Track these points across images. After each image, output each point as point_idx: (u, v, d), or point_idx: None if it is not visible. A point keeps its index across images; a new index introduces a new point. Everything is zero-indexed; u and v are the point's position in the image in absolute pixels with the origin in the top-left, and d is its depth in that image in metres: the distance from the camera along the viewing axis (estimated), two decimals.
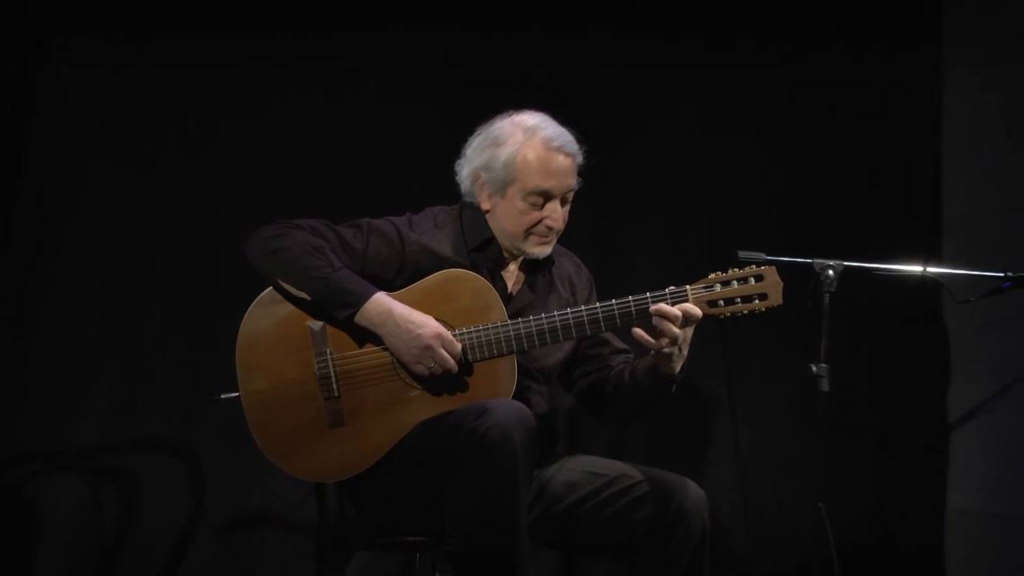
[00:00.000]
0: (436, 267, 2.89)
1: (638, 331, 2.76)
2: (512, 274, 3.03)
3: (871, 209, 4.39)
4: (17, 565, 3.67)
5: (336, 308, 2.80)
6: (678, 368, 2.83)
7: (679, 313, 2.73)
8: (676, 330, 2.72)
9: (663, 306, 2.73)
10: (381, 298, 2.80)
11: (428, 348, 2.76)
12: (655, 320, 2.73)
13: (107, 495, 3.77)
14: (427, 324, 2.78)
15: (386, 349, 2.83)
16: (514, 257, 3.02)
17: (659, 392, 2.90)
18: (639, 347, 2.83)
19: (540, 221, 2.93)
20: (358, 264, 2.88)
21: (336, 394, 2.83)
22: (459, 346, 2.78)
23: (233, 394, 2.86)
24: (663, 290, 2.81)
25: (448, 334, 2.78)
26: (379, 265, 2.90)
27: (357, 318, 2.79)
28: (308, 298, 2.81)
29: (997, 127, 4.31)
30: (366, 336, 2.84)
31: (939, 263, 4.03)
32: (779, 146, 4.40)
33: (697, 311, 2.75)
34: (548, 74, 4.27)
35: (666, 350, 2.75)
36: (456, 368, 2.78)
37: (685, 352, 2.81)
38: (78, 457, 3.77)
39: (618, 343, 3.08)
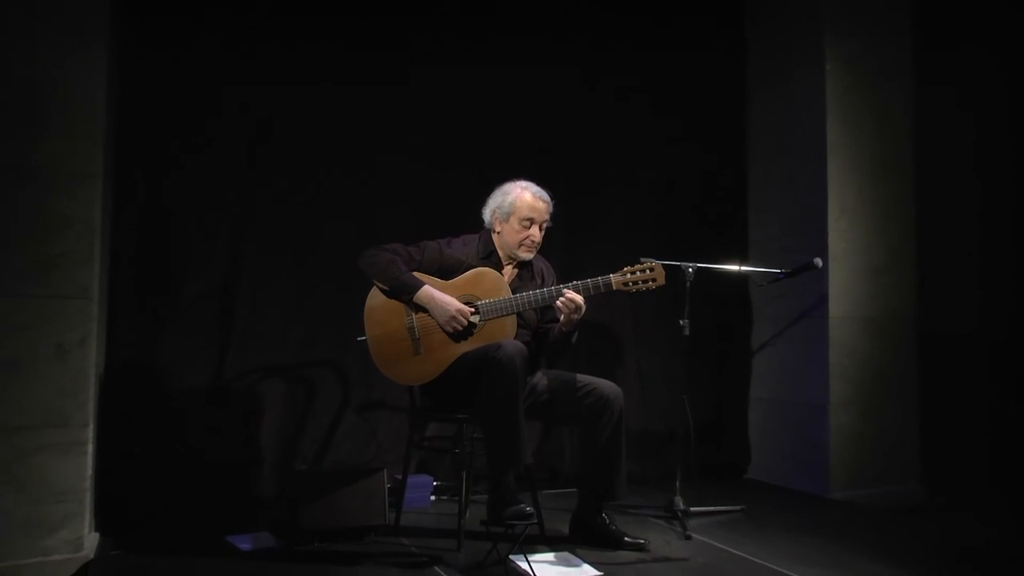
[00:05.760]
0: (460, 268, 2.85)
1: (557, 304, 2.73)
2: (508, 271, 2.96)
3: (710, 228, 4.23)
4: (249, 432, 3.51)
5: (402, 294, 2.76)
6: (569, 328, 2.80)
7: (572, 300, 2.70)
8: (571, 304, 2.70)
9: (569, 293, 2.70)
10: (427, 289, 2.76)
11: (453, 316, 2.72)
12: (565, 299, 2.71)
13: (298, 391, 3.61)
14: (453, 303, 2.74)
15: None
16: (510, 261, 2.95)
17: (566, 340, 2.85)
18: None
19: (527, 237, 2.88)
20: (416, 266, 2.83)
21: (417, 337, 2.78)
22: (469, 312, 2.74)
23: (363, 337, 2.81)
24: (596, 277, 2.74)
25: (465, 308, 2.73)
26: (428, 266, 2.85)
27: (415, 299, 2.75)
28: (388, 288, 2.77)
29: (780, 179, 4.17)
30: None
31: (747, 263, 3.90)
32: (665, 187, 4.17)
33: (580, 300, 2.70)
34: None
35: (573, 317, 2.73)
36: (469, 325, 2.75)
37: (575, 320, 2.75)
38: (282, 369, 3.60)
39: None
